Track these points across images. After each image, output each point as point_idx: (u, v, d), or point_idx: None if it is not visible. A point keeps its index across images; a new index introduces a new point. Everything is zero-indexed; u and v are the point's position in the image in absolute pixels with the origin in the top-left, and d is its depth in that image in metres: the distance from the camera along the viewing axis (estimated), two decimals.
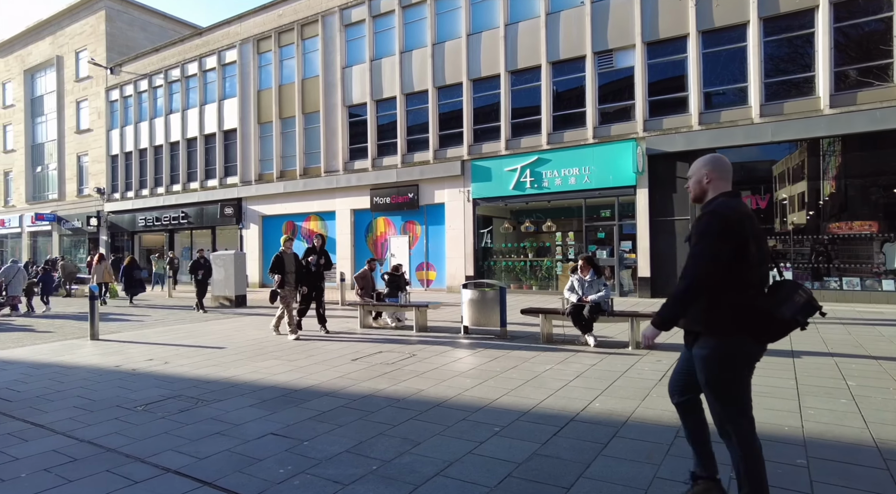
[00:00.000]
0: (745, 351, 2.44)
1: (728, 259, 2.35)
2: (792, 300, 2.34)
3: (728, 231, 2.36)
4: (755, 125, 12.95)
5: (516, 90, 16.51)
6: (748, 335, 2.40)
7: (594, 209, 15.40)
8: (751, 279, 2.39)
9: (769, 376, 5.47)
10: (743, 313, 2.37)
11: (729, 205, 2.44)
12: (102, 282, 17.40)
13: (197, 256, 13.99)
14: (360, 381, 5.61)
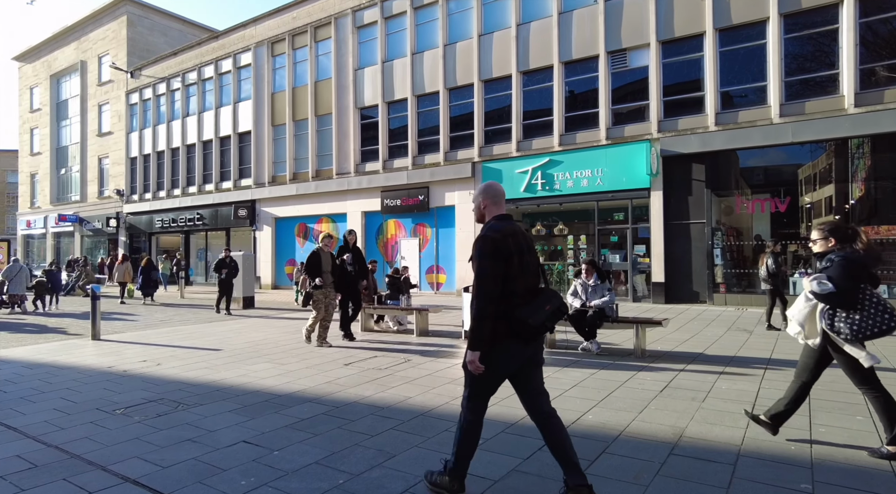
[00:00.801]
0: (514, 354, 2.79)
1: (503, 276, 2.70)
2: (543, 309, 2.71)
3: (496, 251, 2.70)
4: (774, 126, 12.47)
5: (528, 91, 16.25)
6: (512, 340, 2.73)
7: (607, 212, 15.04)
8: (515, 289, 2.73)
9: (778, 388, 5.12)
10: (507, 320, 2.70)
11: (495, 228, 2.80)
12: (122, 282, 17.85)
13: (222, 255, 13.70)
14: (348, 387, 5.42)
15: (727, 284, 13.24)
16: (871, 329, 3.31)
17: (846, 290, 3.31)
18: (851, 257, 3.39)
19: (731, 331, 9.06)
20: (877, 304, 3.34)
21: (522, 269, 2.77)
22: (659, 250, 13.87)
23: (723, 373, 5.81)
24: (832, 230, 3.56)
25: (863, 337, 3.34)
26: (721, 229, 13.48)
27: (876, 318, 3.31)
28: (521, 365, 2.85)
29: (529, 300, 2.73)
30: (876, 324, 3.30)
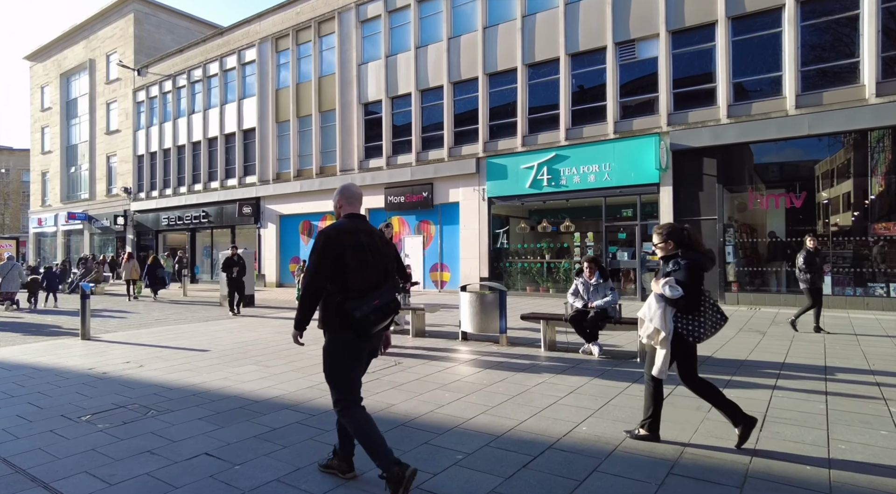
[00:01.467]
0: (347, 345, 2.93)
1: (331, 270, 2.86)
2: (370, 303, 2.85)
3: (327, 247, 2.89)
4: (790, 117, 11.94)
5: (534, 84, 15.83)
6: (346, 332, 2.89)
7: (615, 209, 14.59)
8: (350, 285, 2.88)
9: (794, 397, 4.73)
10: (340, 313, 2.86)
11: (336, 225, 3.01)
12: (130, 279, 18.01)
13: (230, 253, 13.00)
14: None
15: (740, 282, 12.75)
16: (710, 330, 3.51)
17: (693, 294, 3.41)
18: (697, 261, 3.49)
19: (742, 332, 8.62)
20: (712, 305, 3.54)
21: (359, 265, 2.92)
22: None
23: (731, 380, 5.42)
24: (669, 233, 3.63)
25: (703, 338, 3.49)
26: (733, 226, 12.98)
27: (712, 319, 3.52)
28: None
29: (363, 295, 2.87)
30: (714, 324, 3.52)
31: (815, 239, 8.54)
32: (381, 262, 3.03)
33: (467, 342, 7.92)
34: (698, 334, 3.49)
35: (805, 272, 8.44)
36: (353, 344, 2.92)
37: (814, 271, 8.37)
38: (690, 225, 4.21)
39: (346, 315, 2.82)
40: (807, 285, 8.46)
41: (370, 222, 3.22)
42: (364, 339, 2.93)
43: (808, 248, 8.50)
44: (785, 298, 12.03)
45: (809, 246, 8.47)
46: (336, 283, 2.88)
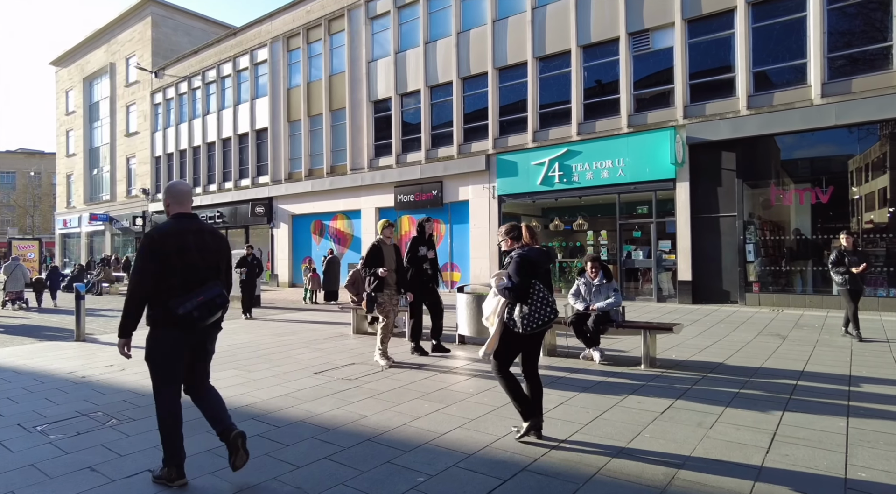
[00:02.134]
0: (170, 340, 3.04)
1: (156, 270, 2.95)
2: (194, 300, 2.96)
3: (152, 251, 2.96)
4: (816, 107, 11.25)
5: (544, 78, 15.35)
6: (170, 328, 3.00)
7: (629, 206, 14.02)
8: (175, 284, 2.97)
9: (810, 413, 4.24)
10: (164, 310, 2.97)
11: (160, 227, 3.05)
12: None
13: (244, 251, 12.40)
14: (303, 401, 4.81)
15: (761, 282, 12.08)
16: (536, 322, 3.58)
17: (519, 285, 3.58)
18: (525, 255, 3.65)
19: (761, 336, 8.06)
20: (542, 298, 3.61)
21: (185, 266, 3.01)
22: (685, 246, 12.80)
23: (742, 390, 4.94)
24: (507, 231, 3.93)
25: (530, 329, 3.57)
26: (754, 223, 12.31)
27: (540, 311, 3.58)
28: (192, 352, 3.14)
29: (188, 292, 2.98)
30: (540, 317, 3.58)
31: (850, 236, 7.87)
32: (211, 260, 3.14)
33: (464, 346, 7.54)
34: (523, 324, 3.58)
35: (837, 273, 7.83)
36: (176, 339, 3.03)
37: (844, 272, 7.74)
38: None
39: (170, 312, 2.94)
40: (840, 285, 7.84)
41: (200, 220, 3.23)
42: (189, 334, 3.05)
43: (840, 246, 7.91)
44: (810, 299, 11.34)
45: (843, 243, 7.86)
46: (162, 283, 2.97)
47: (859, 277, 7.70)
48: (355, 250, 19.82)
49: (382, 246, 6.45)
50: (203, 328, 3.08)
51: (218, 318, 3.12)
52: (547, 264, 3.81)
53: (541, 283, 3.64)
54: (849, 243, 7.79)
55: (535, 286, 3.61)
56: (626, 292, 13.81)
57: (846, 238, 7.83)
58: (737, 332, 8.50)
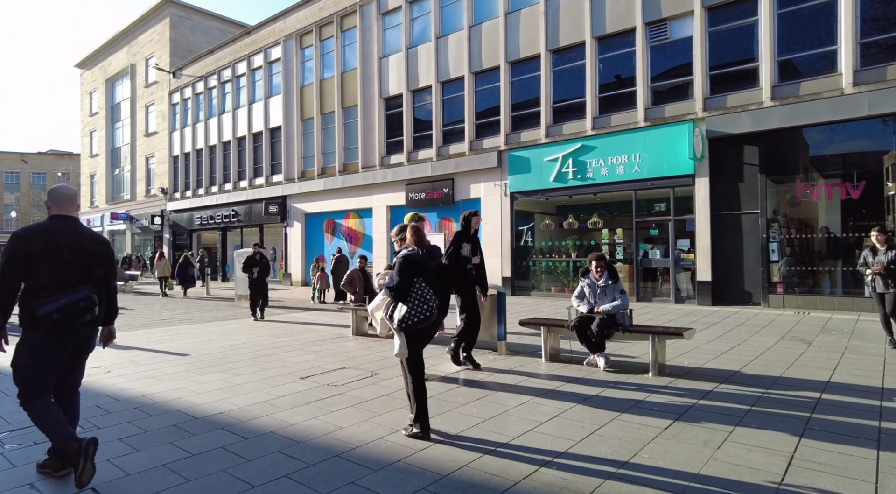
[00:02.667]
0: (36, 343, 3.01)
1: (21, 270, 2.98)
2: (57, 302, 2.96)
3: (16, 248, 2.98)
4: (847, 97, 10.56)
5: (558, 71, 14.86)
6: (36, 329, 2.99)
7: (646, 203, 13.46)
8: (40, 284, 2.99)
9: (834, 433, 3.78)
10: (27, 311, 2.98)
11: (30, 226, 3.09)
12: (163, 277, 18.66)
13: (251, 251, 11.87)
14: (280, 410, 4.53)
15: (786, 283, 11.43)
16: (412, 319, 3.69)
17: (398, 284, 3.73)
18: (407, 256, 3.80)
19: (783, 341, 7.52)
20: (420, 297, 3.71)
21: (51, 266, 3.01)
22: (705, 245, 12.21)
23: (757, 403, 4.48)
24: (397, 232, 4.18)
25: (406, 326, 3.71)
26: (778, 221, 11.66)
27: (417, 309, 3.69)
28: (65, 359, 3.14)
29: (53, 293, 2.97)
30: (417, 315, 3.69)
31: (881, 232, 7.06)
32: (84, 264, 3.12)
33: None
34: (399, 321, 3.72)
35: (864, 274, 7.23)
36: (39, 342, 3.00)
37: (866, 273, 7.13)
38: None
39: (31, 314, 2.94)
40: (881, 289, 7.03)
41: (79, 223, 3.21)
42: (55, 337, 3.01)
43: (871, 244, 7.28)
44: (840, 301, 10.68)
45: (873, 241, 7.21)
46: (28, 282, 3.00)
47: (883, 279, 7.00)
48: (367, 248, 19.62)
49: None
50: (75, 333, 3.05)
51: (87, 321, 3.07)
52: (432, 264, 3.88)
53: (425, 283, 3.77)
54: (879, 241, 7.10)
55: (417, 285, 3.75)
56: (643, 293, 13.28)
57: (876, 235, 7.17)
58: (757, 336, 7.97)
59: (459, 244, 6.10)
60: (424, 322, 3.72)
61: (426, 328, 3.82)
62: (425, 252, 3.86)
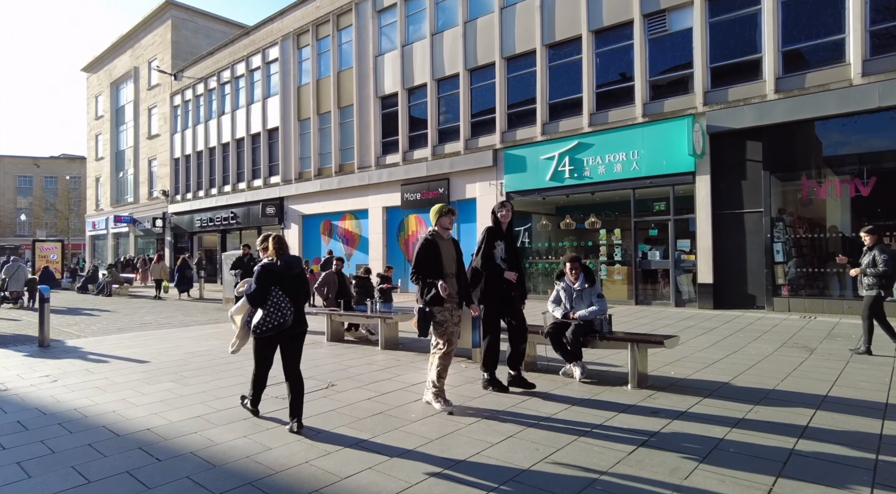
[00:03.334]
0: None
1: None
2: None
3: None
4: (855, 88, 9.97)
5: (554, 66, 14.39)
6: None
7: (645, 202, 12.93)
8: None
9: (823, 458, 3.28)
10: None
11: None
12: (158, 279, 18.66)
13: (240, 252, 11.28)
14: (213, 426, 4.13)
15: (791, 286, 10.84)
16: (264, 325, 3.94)
17: (255, 292, 3.96)
18: (265, 266, 4.02)
19: (784, 348, 6.99)
20: (275, 304, 3.92)
21: None
22: (706, 246, 11.66)
23: (740, 424, 3.99)
24: (261, 241, 4.28)
25: (259, 333, 3.98)
26: (783, 220, 11.08)
27: (271, 316, 3.92)
28: None
29: None
30: (270, 322, 3.92)
31: (869, 233, 6.64)
32: None
33: None
34: (254, 327, 4.03)
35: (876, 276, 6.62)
36: None
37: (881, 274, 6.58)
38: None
39: None
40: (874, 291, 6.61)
41: None
42: None
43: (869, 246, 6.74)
44: (849, 305, 10.07)
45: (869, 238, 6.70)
46: None
47: (860, 280, 6.71)
48: (363, 250, 19.27)
49: (439, 241, 4.53)
50: None
51: None
52: (291, 274, 4.05)
53: (283, 291, 3.96)
54: (868, 241, 6.65)
55: (274, 293, 3.96)
56: (643, 296, 12.74)
57: (864, 236, 6.72)
58: (757, 342, 7.44)
59: (492, 243, 5.05)
60: (277, 328, 3.93)
61: (282, 336, 4.03)
62: (284, 263, 4.04)
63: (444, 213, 4.63)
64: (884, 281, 6.49)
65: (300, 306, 4.09)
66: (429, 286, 4.43)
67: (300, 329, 4.11)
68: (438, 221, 4.62)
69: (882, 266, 6.40)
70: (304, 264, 15.25)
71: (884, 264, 6.39)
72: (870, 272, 6.51)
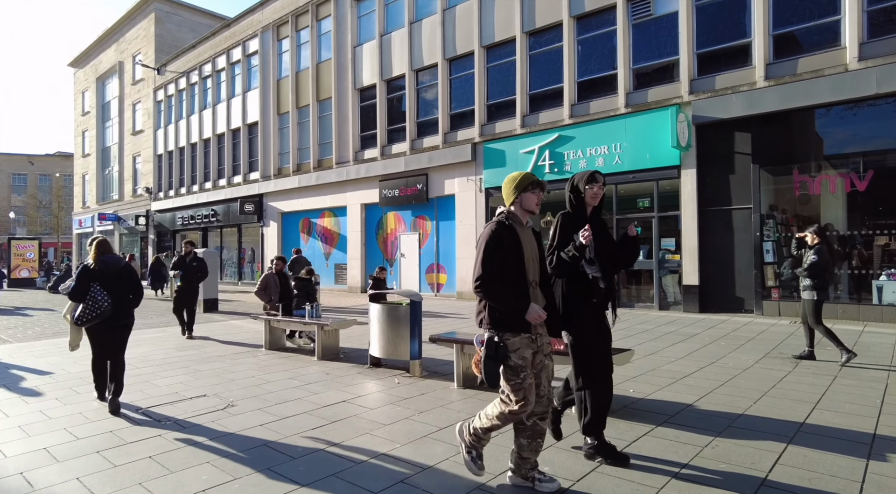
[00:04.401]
0: None
1: None
2: None
3: None
4: (851, 73, 9.18)
5: (535, 55, 13.62)
6: None
7: (628, 199, 12.15)
8: None
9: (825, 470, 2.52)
10: None
11: None
12: None
13: (184, 251, 9.70)
14: (46, 465, 3.40)
15: (781, 288, 10.06)
16: (84, 316, 4.40)
17: (74, 288, 4.51)
18: (83, 266, 4.62)
19: (767, 360, 6.22)
20: (93, 298, 4.41)
21: None
22: (692, 245, 10.89)
23: (689, 466, 3.23)
24: (89, 243, 4.75)
25: (81, 323, 4.44)
26: (774, 217, 10.29)
27: (89, 308, 4.40)
28: None
29: None
30: (87, 313, 4.39)
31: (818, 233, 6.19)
32: None
33: (376, 370, 6.02)
34: (79, 318, 4.41)
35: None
36: None
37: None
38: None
39: None
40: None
41: None
42: None
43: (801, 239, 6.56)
44: (844, 309, 9.29)
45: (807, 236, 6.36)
46: None
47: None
48: (341, 249, 18.56)
49: (518, 229, 2.87)
50: None
51: None
52: (109, 272, 4.55)
53: (101, 286, 4.45)
54: (811, 241, 6.23)
55: (93, 289, 4.44)
56: (625, 298, 11.98)
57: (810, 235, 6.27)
58: (738, 352, 6.67)
59: (566, 234, 3.23)
60: (96, 319, 4.38)
61: (103, 327, 4.49)
62: (101, 263, 4.56)
63: (530, 186, 2.89)
64: (817, 283, 6.07)
65: (124, 301, 4.55)
66: (502, 303, 2.79)
67: (122, 322, 4.57)
68: (519, 197, 2.90)
69: (805, 267, 6.11)
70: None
71: (808, 267, 6.07)
72: (802, 273, 6.18)
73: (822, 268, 6.05)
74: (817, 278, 6.08)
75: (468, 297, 14.49)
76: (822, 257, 6.05)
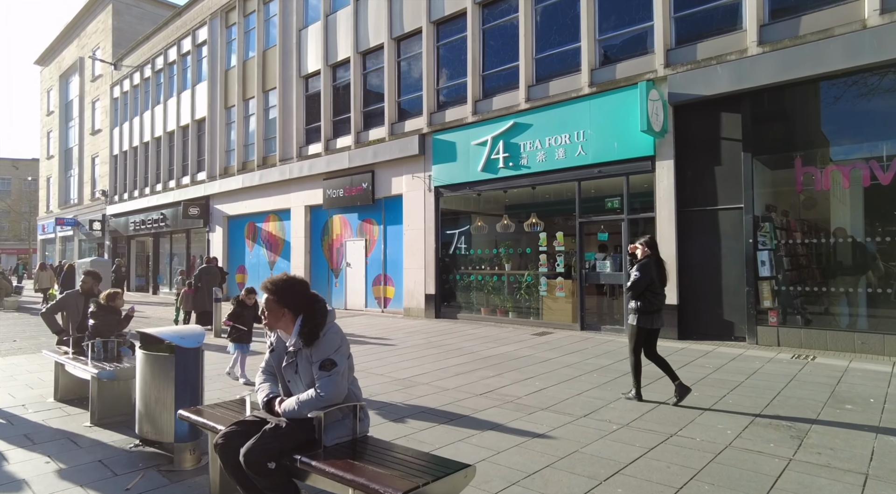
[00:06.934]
0: None
1: None
2: None
3: None
4: (871, 30, 7.04)
5: (488, 29, 11.56)
6: None
7: (593, 198, 10.01)
8: None
9: None
10: None
11: None
12: (45, 288, 16.75)
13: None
14: None
15: (781, 310, 7.86)
16: None
17: None
18: None
19: (753, 429, 4.06)
20: None
21: None
22: (669, 254, 8.69)
23: None
24: None
25: None
26: (771, 219, 8.10)
27: None
28: None
29: None
30: None
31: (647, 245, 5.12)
32: None
33: (142, 451, 3.89)
34: None
35: None
36: None
37: None
38: None
39: None
40: None
41: None
42: None
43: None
44: (864, 339, 7.09)
45: None
46: None
47: None
48: (286, 257, 16.47)
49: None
50: None
51: None
52: None
53: None
54: (640, 255, 5.13)
55: None
56: (588, 320, 9.82)
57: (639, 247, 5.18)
58: (709, 416, 4.50)
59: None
60: None
61: None
62: None
63: None
64: (640, 305, 4.93)
65: None
66: None
67: None
68: None
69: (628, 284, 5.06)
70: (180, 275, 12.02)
71: (630, 286, 5.00)
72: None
73: (644, 288, 4.89)
74: (640, 299, 4.94)
75: (415, 314, 12.37)
76: (645, 275, 4.90)
